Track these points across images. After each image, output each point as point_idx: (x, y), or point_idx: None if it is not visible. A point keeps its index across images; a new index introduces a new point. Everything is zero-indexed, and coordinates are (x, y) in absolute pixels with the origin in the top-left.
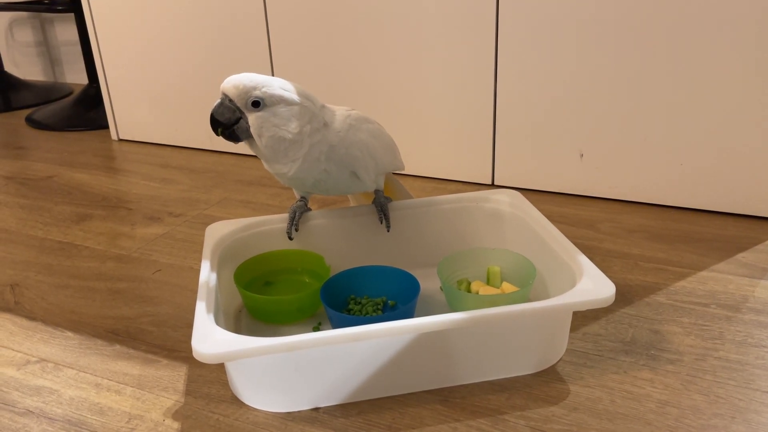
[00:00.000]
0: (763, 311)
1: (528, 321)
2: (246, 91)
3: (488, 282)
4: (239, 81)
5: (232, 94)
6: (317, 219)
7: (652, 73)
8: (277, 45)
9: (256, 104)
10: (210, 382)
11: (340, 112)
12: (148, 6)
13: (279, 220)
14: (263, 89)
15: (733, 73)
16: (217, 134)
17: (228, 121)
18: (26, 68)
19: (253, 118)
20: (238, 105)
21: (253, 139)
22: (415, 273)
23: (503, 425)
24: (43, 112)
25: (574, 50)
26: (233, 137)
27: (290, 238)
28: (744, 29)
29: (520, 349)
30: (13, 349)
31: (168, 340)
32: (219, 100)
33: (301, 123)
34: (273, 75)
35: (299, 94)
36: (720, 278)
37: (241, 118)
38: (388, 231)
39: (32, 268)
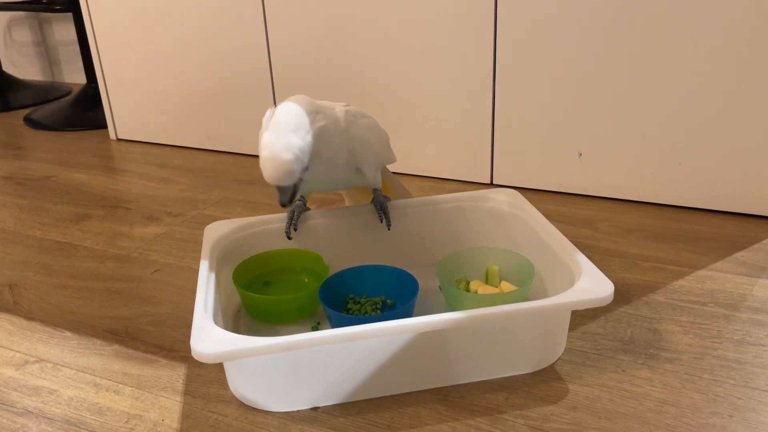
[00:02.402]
0: (761, 310)
1: (527, 320)
2: (293, 178)
3: (487, 281)
4: (280, 177)
5: (284, 184)
6: (316, 218)
7: (650, 73)
8: (275, 43)
9: (305, 170)
10: (209, 381)
11: (338, 108)
12: (147, 5)
13: (278, 220)
14: (303, 164)
15: (731, 73)
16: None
17: (293, 197)
18: (24, 68)
19: (305, 175)
20: (292, 184)
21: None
22: (414, 272)
23: (502, 424)
24: (41, 112)
25: (572, 49)
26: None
27: (289, 238)
28: (742, 28)
29: (518, 348)
30: (11, 350)
31: (167, 340)
32: (277, 193)
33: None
34: (270, 73)
35: (314, 121)
36: (718, 277)
37: (297, 184)
38: (389, 229)
39: (31, 268)
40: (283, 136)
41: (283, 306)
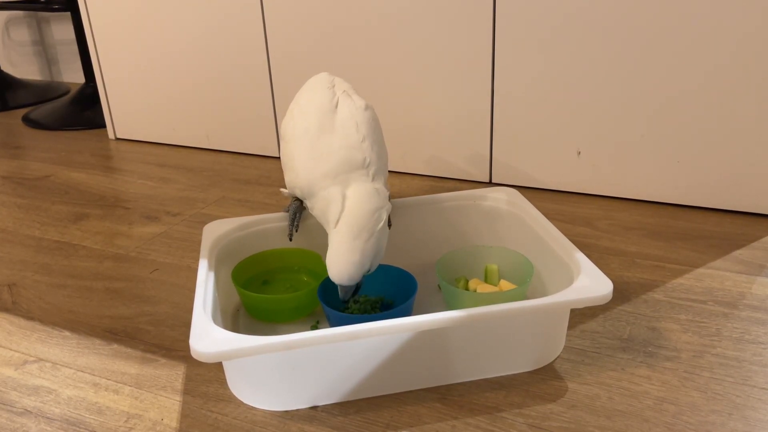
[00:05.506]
0: (760, 308)
1: (526, 319)
2: (359, 278)
3: (486, 280)
4: (350, 276)
5: (350, 284)
6: (315, 218)
7: (649, 71)
8: (274, 40)
9: (367, 271)
10: (208, 380)
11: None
12: (145, 4)
13: (276, 219)
14: (369, 261)
15: (729, 71)
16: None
17: (355, 293)
18: (23, 67)
19: (370, 271)
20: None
21: None
22: (413, 271)
23: (501, 423)
24: (39, 112)
25: (571, 47)
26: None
27: (291, 239)
28: (741, 26)
29: (517, 346)
30: (10, 349)
31: (166, 339)
32: (342, 290)
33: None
34: (269, 72)
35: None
36: (717, 275)
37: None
38: (389, 228)
39: (29, 268)
40: (350, 239)
41: (282, 305)
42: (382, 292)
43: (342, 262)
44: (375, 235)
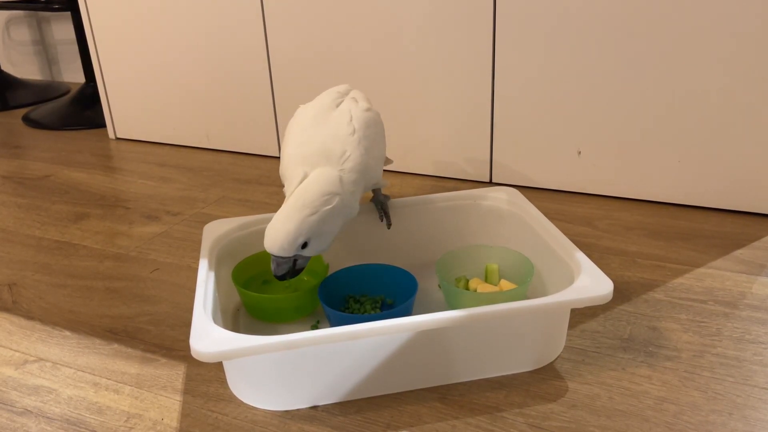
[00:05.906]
0: (761, 307)
1: (526, 318)
2: (291, 250)
3: (486, 279)
4: (280, 244)
5: (280, 254)
6: None
7: (649, 71)
8: (274, 40)
9: (305, 245)
10: (208, 380)
11: (355, 142)
12: (145, 4)
13: None
14: (304, 236)
15: (729, 71)
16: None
17: (290, 271)
18: (23, 67)
19: (307, 252)
20: (290, 256)
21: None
22: (413, 271)
23: (502, 423)
24: (40, 111)
25: (571, 47)
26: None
27: None
28: (741, 26)
29: (518, 346)
30: (11, 349)
31: (166, 339)
32: (274, 262)
33: (341, 215)
34: (269, 71)
35: (323, 194)
36: (717, 275)
37: (297, 259)
38: (389, 228)
39: (30, 268)
40: (292, 211)
41: (282, 304)
42: (382, 292)
43: (276, 230)
44: (319, 214)
